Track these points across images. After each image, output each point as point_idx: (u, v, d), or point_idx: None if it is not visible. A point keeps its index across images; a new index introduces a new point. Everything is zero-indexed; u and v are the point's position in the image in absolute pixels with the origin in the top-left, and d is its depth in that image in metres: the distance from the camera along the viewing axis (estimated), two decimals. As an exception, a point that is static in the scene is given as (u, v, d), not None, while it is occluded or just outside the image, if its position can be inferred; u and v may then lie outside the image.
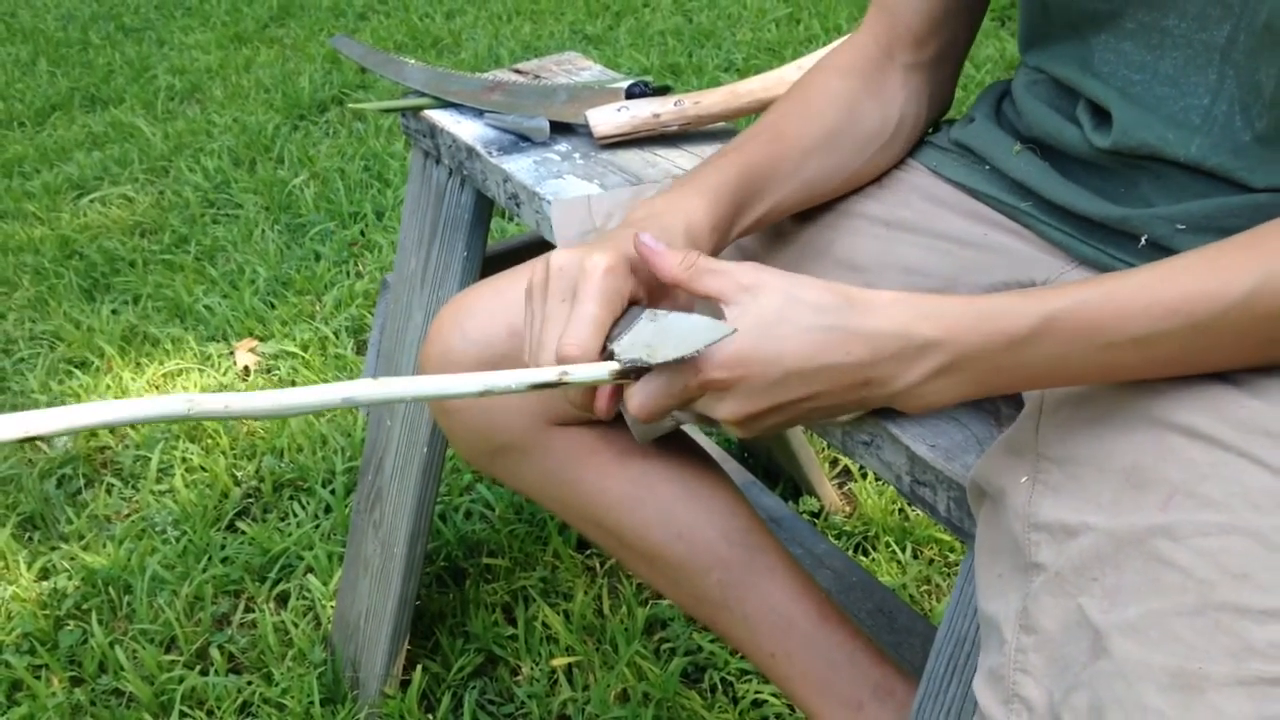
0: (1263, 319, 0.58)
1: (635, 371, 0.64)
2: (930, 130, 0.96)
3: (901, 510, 1.66)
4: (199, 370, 2.05)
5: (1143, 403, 0.62)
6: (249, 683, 1.43)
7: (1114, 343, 0.60)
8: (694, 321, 0.62)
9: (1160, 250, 0.74)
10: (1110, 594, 0.56)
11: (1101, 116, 0.77)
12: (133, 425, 0.52)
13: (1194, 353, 0.60)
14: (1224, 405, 0.60)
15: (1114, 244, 0.77)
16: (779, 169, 0.82)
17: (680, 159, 1.16)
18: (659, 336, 0.63)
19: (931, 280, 0.83)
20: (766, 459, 1.73)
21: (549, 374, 0.62)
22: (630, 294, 0.68)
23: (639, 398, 0.65)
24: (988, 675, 0.61)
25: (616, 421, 0.92)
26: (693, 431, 1.31)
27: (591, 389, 0.67)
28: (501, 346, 0.89)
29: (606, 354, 0.65)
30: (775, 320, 0.63)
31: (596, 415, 0.68)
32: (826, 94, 0.87)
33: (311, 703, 1.38)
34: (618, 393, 0.68)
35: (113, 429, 1.92)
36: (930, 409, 0.65)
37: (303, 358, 2.05)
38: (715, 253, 0.77)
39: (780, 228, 0.90)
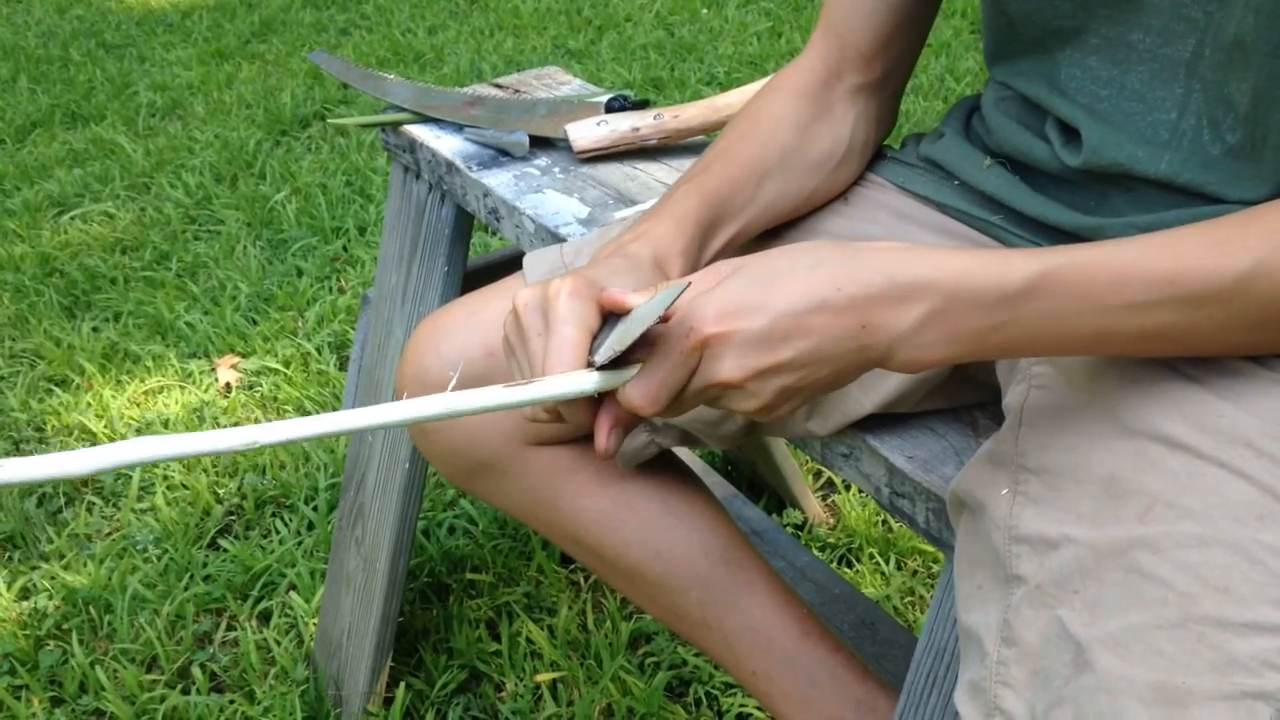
0: (1256, 299, 0.58)
1: (616, 365, 0.62)
2: (899, 146, 0.96)
3: (885, 522, 1.66)
4: (180, 388, 2.05)
5: (1122, 412, 0.62)
6: (231, 701, 1.43)
7: (1108, 306, 0.59)
8: (653, 300, 0.60)
9: None
10: (1091, 606, 0.56)
11: (1070, 134, 0.77)
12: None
13: (1186, 328, 0.59)
14: (1203, 414, 0.60)
15: None
16: (738, 194, 0.82)
17: (660, 173, 1.17)
18: (627, 326, 0.61)
19: None
20: (750, 472, 1.73)
21: (520, 392, 0.60)
22: (602, 313, 0.66)
23: (640, 389, 0.62)
24: (969, 687, 0.61)
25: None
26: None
27: (588, 417, 0.65)
28: (478, 366, 0.89)
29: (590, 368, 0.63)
30: (761, 271, 0.61)
31: (600, 453, 0.66)
32: (776, 117, 0.87)
33: (294, 721, 1.38)
34: (614, 420, 0.66)
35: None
36: (926, 365, 0.62)
37: (285, 374, 2.04)
38: (684, 273, 0.76)
39: (747, 249, 0.90)
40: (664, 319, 0.62)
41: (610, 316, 0.66)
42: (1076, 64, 0.76)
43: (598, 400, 0.66)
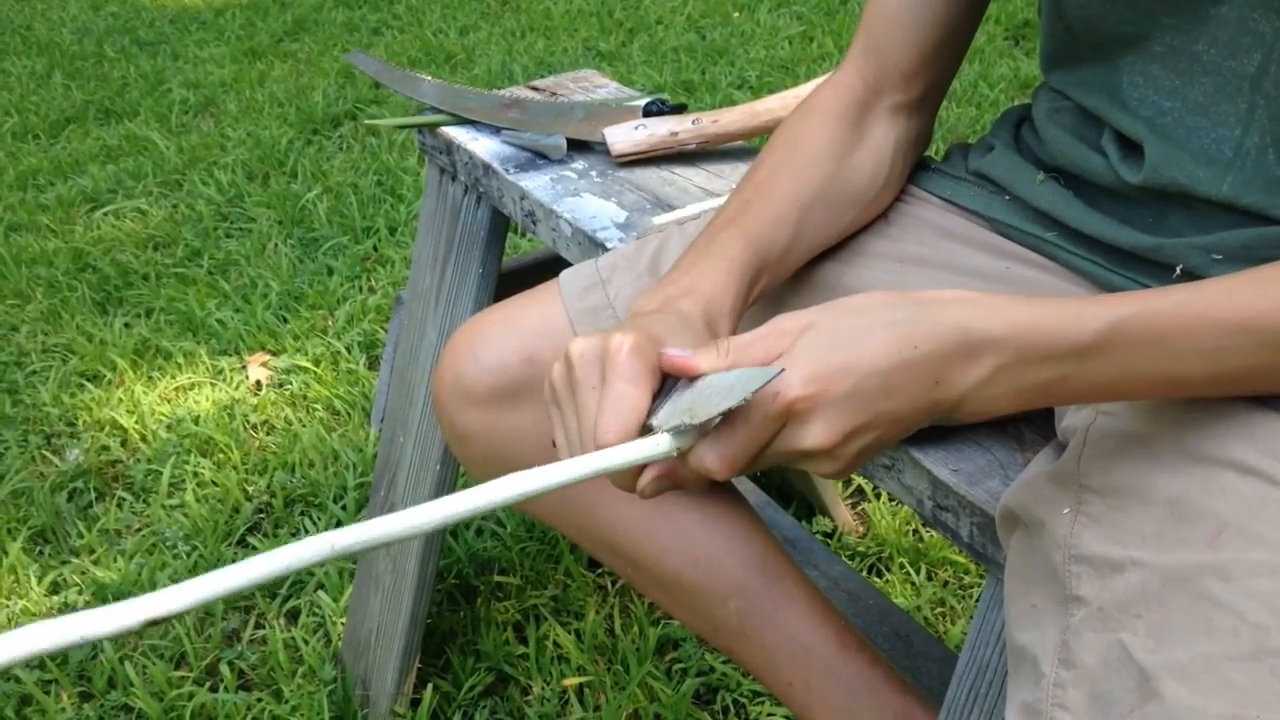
0: None
1: (679, 434, 0.59)
2: (943, 157, 0.95)
3: (916, 531, 1.65)
4: (211, 384, 2.05)
5: (1190, 436, 0.61)
6: (258, 700, 1.43)
7: (1180, 354, 0.58)
8: (735, 374, 0.58)
9: (1196, 280, 0.73)
10: (1156, 632, 0.55)
11: (1129, 148, 0.75)
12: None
13: (1259, 370, 0.59)
14: (1275, 440, 0.59)
15: (1146, 273, 0.76)
16: (780, 235, 0.80)
17: (697, 177, 1.16)
18: (699, 398, 0.58)
19: None
20: (780, 479, 1.72)
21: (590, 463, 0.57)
22: (662, 371, 0.64)
23: (717, 453, 0.60)
24: (1022, 708, 0.59)
25: None
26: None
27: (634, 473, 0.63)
28: (516, 372, 0.88)
29: (646, 432, 0.60)
30: (836, 333, 0.60)
31: (641, 495, 0.63)
32: (814, 146, 0.84)
33: (321, 721, 1.38)
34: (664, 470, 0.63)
35: (124, 442, 1.92)
36: (992, 415, 0.62)
37: (315, 372, 2.04)
38: (733, 330, 0.73)
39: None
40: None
41: (669, 378, 0.64)
42: (1139, 71, 0.74)
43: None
